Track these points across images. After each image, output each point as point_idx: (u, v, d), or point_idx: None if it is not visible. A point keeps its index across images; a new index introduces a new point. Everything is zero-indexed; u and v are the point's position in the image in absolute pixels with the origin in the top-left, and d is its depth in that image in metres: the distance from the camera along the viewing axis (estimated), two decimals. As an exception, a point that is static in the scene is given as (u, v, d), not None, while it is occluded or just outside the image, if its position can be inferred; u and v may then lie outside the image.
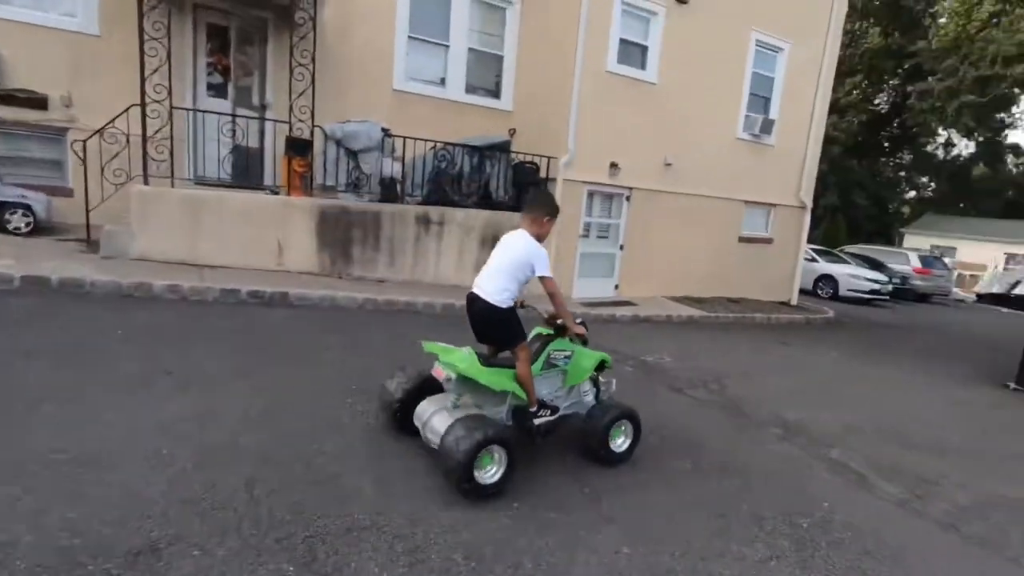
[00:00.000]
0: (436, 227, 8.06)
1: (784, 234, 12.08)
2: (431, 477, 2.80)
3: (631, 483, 3.07)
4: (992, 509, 3.25)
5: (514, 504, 2.68)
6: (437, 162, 8.26)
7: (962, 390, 6.35)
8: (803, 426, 4.33)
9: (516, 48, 9.82)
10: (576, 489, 2.93)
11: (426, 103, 9.20)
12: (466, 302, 3.19)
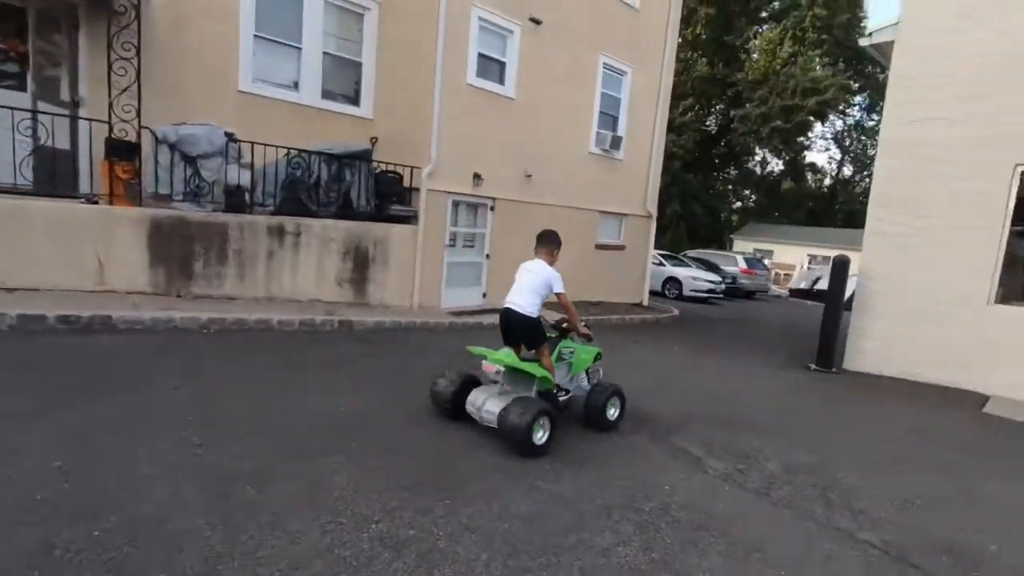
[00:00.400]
0: (292, 238, 7.59)
1: (635, 241, 13.17)
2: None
3: (487, 489, 3.13)
4: (795, 474, 3.82)
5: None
6: (291, 170, 7.79)
7: (778, 373, 7.39)
8: (650, 417, 4.74)
9: (375, 56, 9.63)
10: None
11: (278, 107, 8.66)
12: (501, 313, 4.20)
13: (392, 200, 8.82)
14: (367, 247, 8.34)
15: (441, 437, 3.80)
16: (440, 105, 8.73)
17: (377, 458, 3.35)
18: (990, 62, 6.85)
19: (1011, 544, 3.14)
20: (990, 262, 6.87)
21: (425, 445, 3.63)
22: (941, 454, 4.59)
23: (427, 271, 9.04)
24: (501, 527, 2.73)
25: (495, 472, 3.34)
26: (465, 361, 4.84)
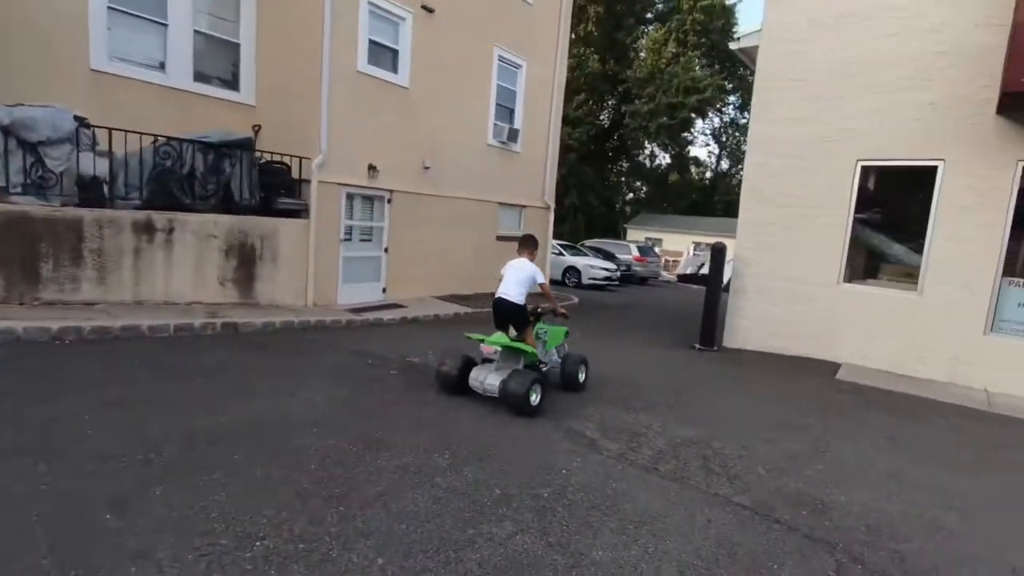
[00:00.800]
0: (164, 235, 6.91)
1: (534, 231, 13.39)
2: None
3: (384, 491, 3.05)
4: (681, 448, 4.10)
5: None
6: (160, 160, 7.07)
7: (667, 354, 7.89)
8: (548, 404, 4.86)
9: (255, 37, 8.96)
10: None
11: (142, 89, 7.81)
12: (494, 302, 5.09)
13: (280, 192, 8.29)
14: (253, 243, 7.78)
15: (336, 443, 3.64)
16: (329, 93, 8.31)
17: (264, 470, 3.14)
18: (835, 69, 7.71)
19: (857, 494, 3.58)
20: (839, 246, 7.78)
21: (317, 452, 3.46)
22: (801, 419, 5.14)
23: (321, 267, 8.62)
24: (398, 528, 2.67)
25: (393, 473, 3.26)
26: (464, 347, 5.31)
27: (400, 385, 5.07)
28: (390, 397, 4.69)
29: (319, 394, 4.55)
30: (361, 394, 4.68)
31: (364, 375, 5.30)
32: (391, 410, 4.36)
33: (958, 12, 6.84)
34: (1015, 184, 6.65)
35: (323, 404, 4.33)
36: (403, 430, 3.94)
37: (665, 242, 34.74)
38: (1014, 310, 6.79)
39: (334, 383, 4.91)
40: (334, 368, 5.44)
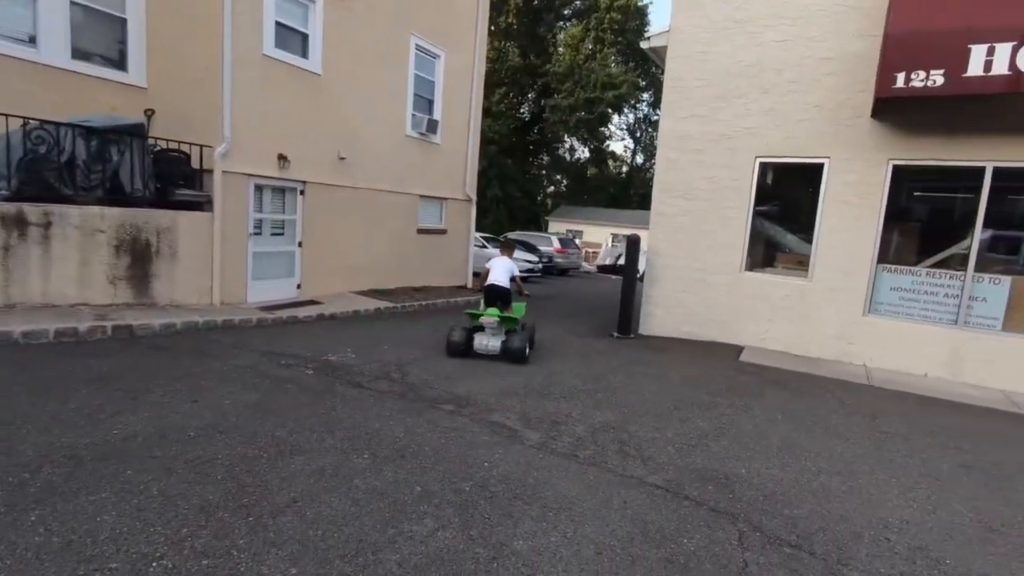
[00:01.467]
0: (39, 230, 6.21)
1: (456, 225, 13.36)
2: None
3: (299, 497, 2.93)
4: (599, 433, 4.25)
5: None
6: (33, 145, 6.35)
7: (587, 342, 8.13)
8: (471, 398, 4.87)
9: (144, 12, 8.21)
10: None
11: (7, 66, 6.94)
12: (488, 288, 6.78)
13: (178, 183, 7.69)
14: (148, 238, 7.17)
15: (245, 450, 3.44)
16: (232, 77, 7.78)
17: (162, 484, 2.91)
18: (734, 71, 8.22)
19: (755, 466, 3.88)
20: (741, 237, 8.34)
21: (223, 461, 3.26)
22: (707, 399, 5.48)
23: (228, 263, 8.10)
24: (313, 535, 2.57)
25: (308, 478, 3.13)
26: (464, 322, 6.89)
27: (317, 385, 4.88)
28: (306, 398, 4.50)
29: (226, 399, 4.27)
30: (273, 397, 4.46)
31: (277, 376, 5.05)
32: (306, 412, 4.18)
33: (838, 24, 7.50)
34: (887, 181, 7.41)
35: (230, 409, 4.07)
36: (319, 432, 3.79)
37: (585, 234, 35.69)
38: (887, 293, 7.59)
39: (243, 386, 4.64)
40: (243, 370, 5.13)
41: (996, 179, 6.87)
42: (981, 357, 7.03)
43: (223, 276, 8.02)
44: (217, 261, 7.90)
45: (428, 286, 12.46)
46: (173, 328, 6.48)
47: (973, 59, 6.05)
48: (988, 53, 5.99)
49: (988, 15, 6.01)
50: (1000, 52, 5.93)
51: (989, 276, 7.05)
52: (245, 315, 7.50)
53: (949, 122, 6.91)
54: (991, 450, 4.62)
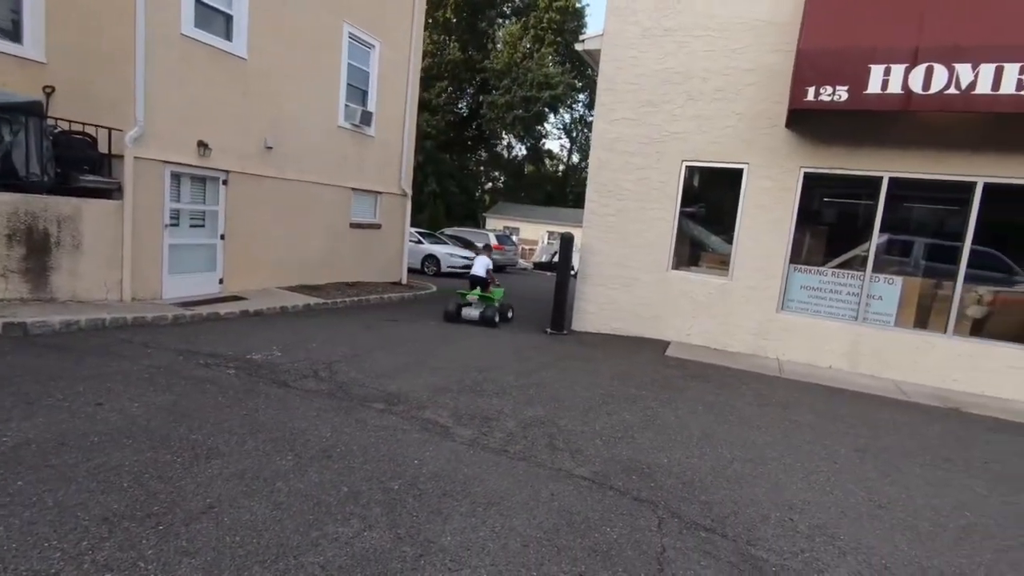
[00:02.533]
0: (-88, 217, 5.55)
1: (391, 219, 13.12)
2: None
3: (215, 502, 2.80)
4: (529, 428, 4.32)
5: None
6: (-96, 121, 5.64)
7: (522, 338, 8.22)
8: (402, 395, 4.81)
9: (41, -21, 7.49)
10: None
11: None
12: (471, 277, 9.62)
13: (83, 168, 7.09)
14: (47, 227, 6.59)
15: (156, 455, 3.24)
16: (145, 56, 7.27)
17: (59, 496, 2.69)
18: (663, 77, 8.55)
19: (676, 455, 4.07)
20: (668, 237, 8.70)
21: (131, 468, 3.05)
22: (635, 392, 5.69)
23: (141, 256, 7.58)
24: (231, 541, 2.46)
25: (227, 482, 3.00)
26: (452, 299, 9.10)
27: (238, 386, 4.66)
28: (226, 399, 4.29)
29: (135, 402, 4.00)
30: (190, 398, 4.22)
31: (195, 377, 4.78)
32: (226, 414, 3.99)
33: (758, 37, 7.96)
34: (798, 187, 7.96)
35: (140, 413, 3.82)
36: (240, 434, 3.63)
37: (522, 231, 36.03)
38: (798, 291, 8.17)
39: (156, 388, 4.36)
40: (157, 371, 4.82)
41: (892, 188, 7.54)
42: (875, 350, 7.70)
43: (135, 270, 7.49)
44: (128, 253, 7.37)
45: (361, 282, 12.17)
46: (76, 325, 5.99)
47: (872, 78, 6.60)
48: (885, 73, 6.56)
49: (885, 38, 6.57)
50: (895, 72, 6.51)
51: (884, 276, 7.73)
52: (159, 311, 7.04)
53: (853, 134, 7.51)
54: (882, 435, 5.08)
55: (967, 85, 6.25)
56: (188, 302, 7.91)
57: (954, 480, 4.15)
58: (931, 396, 6.87)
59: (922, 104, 6.45)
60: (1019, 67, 6.05)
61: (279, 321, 7.80)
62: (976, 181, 7.13)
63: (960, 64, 6.25)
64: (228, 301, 8.44)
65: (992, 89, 6.17)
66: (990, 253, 7.33)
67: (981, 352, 7.22)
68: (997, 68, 6.13)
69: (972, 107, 6.29)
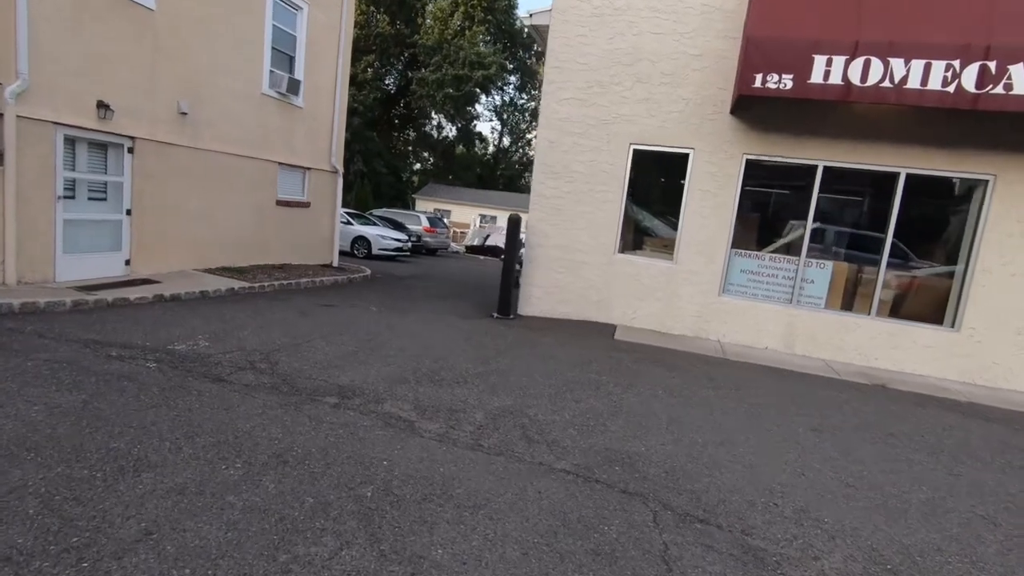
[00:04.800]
0: None
1: (320, 198, 12.27)
2: None
3: (154, 527, 2.33)
4: (499, 419, 4.06)
5: None
6: None
7: (469, 323, 7.91)
8: (356, 388, 4.40)
9: None
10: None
11: None
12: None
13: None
14: (-98, 196, 5.45)
15: (69, 470, 2.68)
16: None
17: (-59, 528, 2.12)
18: (612, 58, 8.43)
19: (651, 443, 3.98)
20: (615, 220, 8.67)
21: (36, 490, 2.49)
22: (595, 378, 5.58)
23: (28, 232, 6.53)
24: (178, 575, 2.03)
25: (164, 499, 2.52)
26: None
27: (163, 382, 4.04)
28: (150, 398, 3.69)
29: (35, 405, 3.34)
30: (105, 398, 3.59)
31: (107, 372, 4.10)
32: (152, 416, 3.42)
33: (706, 22, 8.01)
34: (740, 173, 8.15)
35: (42, 419, 3.18)
36: (174, 439, 3.11)
37: (453, 214, 35.39)
38: (738, 275, 8.41)
39: (60, 387, 3.68)
40: (59, 366, 4.09)
41: (825, 176, 7.88)
42: (808, 331, 8.10)
43: (20, 248, 6.44)
44: (11, 229, 6.31)
45: (289, 264, 11.32)
46: (-54, 314, 5.02)
47: (816, 68, 6.78)
48: (827, 64, 6.76)
49: (827, 30, 6.76)
50: (836, 64, 6.73)
51: (816, 261, 8.11)
52: (54, 296, 6.09)
53: (793, 123, 7.75)
54: (829, 414, 5.29)
55: (899, 79, 6.57)
56: (89, 286, 6.93)
57: (901, 455, 4.35)
58: (859, 374, 7.31)
59: (860, 95, 6.71)
60: (944, 64, 6.43)
61: (200, 307, 7.01)
62: (900, 172, 7.59)
63: (894, 59, 6.55)
64: (138, 285, 7.49)
65: (921, 84, 6.53)
66: (865, 235, 7.98)
67: (899, 331, 7.77)
68: (926, 64, 6.48)
69: (903, 100, 6.62)
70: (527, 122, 45.34)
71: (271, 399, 3.92)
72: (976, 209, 7.53)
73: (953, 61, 6.37)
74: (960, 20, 6.44)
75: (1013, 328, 7.39)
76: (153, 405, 3.57)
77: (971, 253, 7.52)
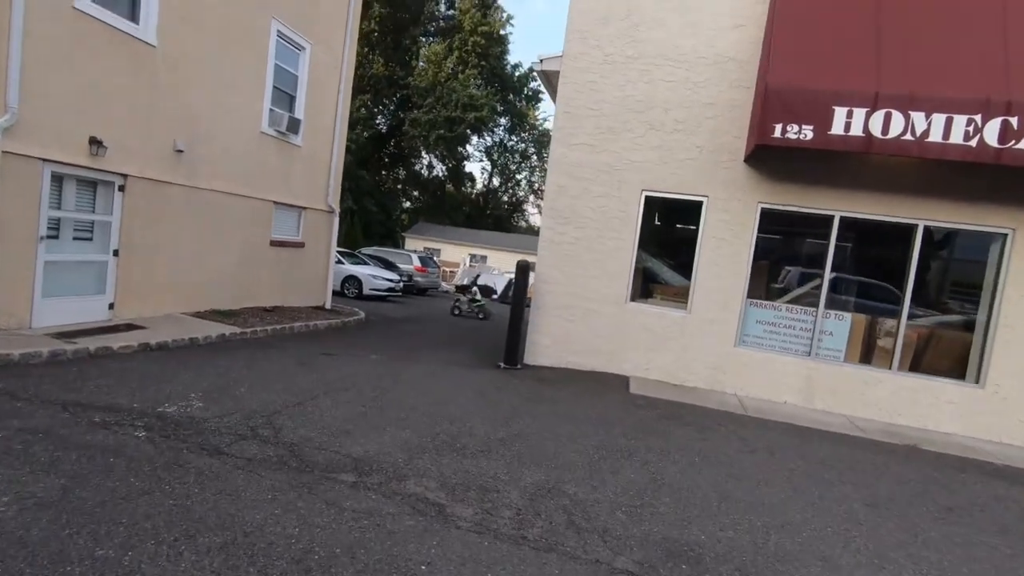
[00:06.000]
0: None
1: (315, 238, 11.90)
2: None
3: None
4: (538, 501, 3.61)
5: None
6: None
7: (475, 374, 7.47)
8: (373, 460, 3.93)
9: None
10: None
11: None
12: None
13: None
14: None
15: (44, 585, 2.18)
16: (23, 28, 5.86)
17: None
18: (624, 104, 8.35)
19: (710, 530, 3.56)
20: (627, 267, 8.41)
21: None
22: (624, 442, 5.17)
23: (6, 274, 6.02)
24: None
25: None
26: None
27: (155, 457, 3.54)
28: (140, 481, 3.19)
29: (3, 495, 2.83)
30: (88, 482, 3.08)
31: (90, 444, 3.59)
32: (146, 505, 2.92)
33: (720, 72, 7.99)
34: (756, 222, 7.99)
35: (12, 514, 2.67)
36: (171, 542, 2.61)
37: (443, 253, 35.13)
38: (754, 326, 8.15)
39: (35, 467, 3.17)
40: (34, 438, 3.57)
41: (841, 226, 7.75)
42: (828, 386, 7.81)
43: None
44: (-12, 272, 5.80)
45: (281, 307, 10.82)
46: (-94, 370, 4.46)
47: (836, 119, 6.71)
48: (847, 116, 6.69)
49: (846, 82, 6.73)
50: (857, 115, 6.66)
51: (835, 312, 7.90)
52: (30, 346, 5.55)
53: (809, 173, 7.65)
54: (876, 483, 4.92)
55: (921, 132, 6.51)
56: (69, 332, 6.39)
57: (971, 537, 3.98)
58: (885, 432, 6.99)
59: (882, 148, 6.62)
60: (966, 119, 6.39)
61: (191, 357, 6.48)
62: (917, 224, 7.49)
63: (915, 112, 6.50)
64: (122, 331, 6.96)
65: (943, 138, 6.47)
66: (884, 287, 7.81)
67: (922, 387, 7.51)
68: (947, 118, 6.43)
69: (925, 154, 6.54)
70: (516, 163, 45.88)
71: (280, 478, 3.44)
72: (996, 263, 7.42)
73: (975, 116, 6.33)
74: (979, 74, 6.45)
75: (1038, 385, 7.19)
76: (145, 491, 3.06)
77: (992, 307, 7.37)
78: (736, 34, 7.91)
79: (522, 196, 48.13)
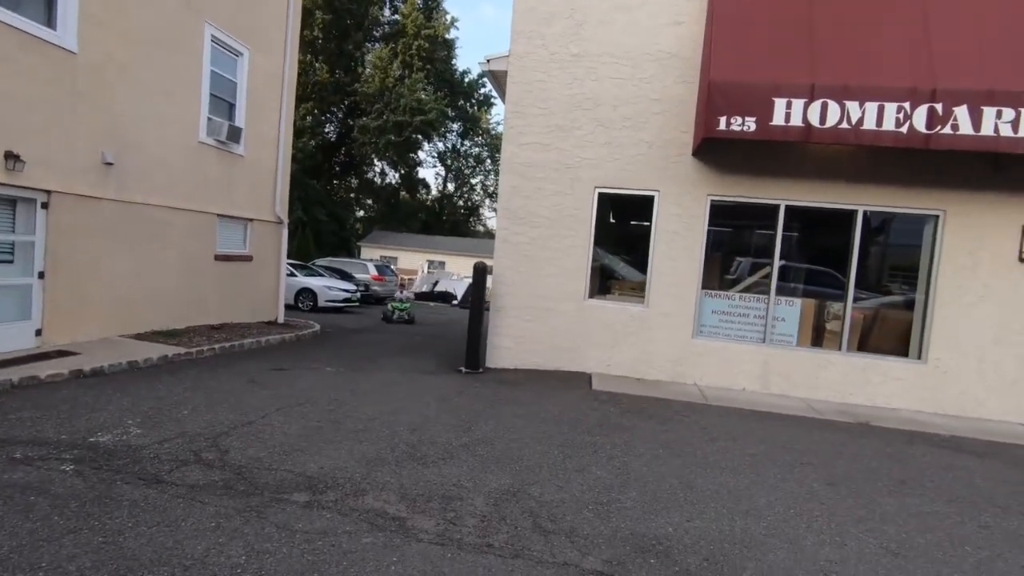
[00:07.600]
0: None
1: (264, 250, 11.46)
2: None
3: None
4: (502, 506, 3.50)
5: None
6: None
7: (435, 380, 7.30)
8: (328, 477, 3.74)
9: None
10: None
11: None
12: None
13: None
14: None
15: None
16: (-79, 33, 5.37)
17: None
18: (572, 102, 8.36)
19: (677, 521, 3.53)
20: (584, 264, 8.42)
21: None
22: (588, 439, 5.12)
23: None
24: None
25: None
26: None
27: (84, 491, 3.25)
28: (65, 520, 2.91)
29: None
30: (3, 526, 2.78)
31: (9, 484, 3.26)
32: (70, 547, 2.65)
33: (663, 68, 8.10)
34: (706, 214, 8.13)
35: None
36: (99, 580, 2.38)
37: (400, 260, 34.63)
38: (710, 316, 8.29)
39: (-60, 512, 2.84)
40: (-60, 480, 3.22)
41: (788, 216, 7.98)
42: (783, 370, 8.00)
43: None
44: None
45: (229, 323, 10.35)
46: None
47: (776, 110, 6.89)
48: (787, 107, 6.88)
49: (784, 75, 6.93)
50: (795, 106, 6.86)
51: (785, 299, 8.11)
52: (-58, 382, 5.06)
53: (754, 164, 7.85)
54: (834, 462, 5.04)
55: (856, 120, 6.76)
56: (-11, 364, 5.88)
57: (923, 507, 4.10)
58: (839, 412, 7.21)
59: (820, 136, 6.84)
60: (896, 106, 6.67)
61: (130, 382, 6.07)
62: (857, 209, 7.78)
63: (850, 101, 6.75)
64: (52, 358, 6.47)
65: (876, 125, 6.73)
66: (829, 272, 8.12)
67: (871, 365, 7.79)
68: (879, 107, 6.70)
69: (861, 140, 6.80)
70: (471, 168, 45.74)
71: (226, 504, 3.21)
72: (930, 244, 7.78)
73: (904, 103, 6.62)
74: (907, 63, 6.74)
75: (975, 356, 7.56)
76: (71, 530, 2.79)
77: (929, 285, 7.73)
78: (677, 31, 8.05)
79: (478, 200, 48.07)
